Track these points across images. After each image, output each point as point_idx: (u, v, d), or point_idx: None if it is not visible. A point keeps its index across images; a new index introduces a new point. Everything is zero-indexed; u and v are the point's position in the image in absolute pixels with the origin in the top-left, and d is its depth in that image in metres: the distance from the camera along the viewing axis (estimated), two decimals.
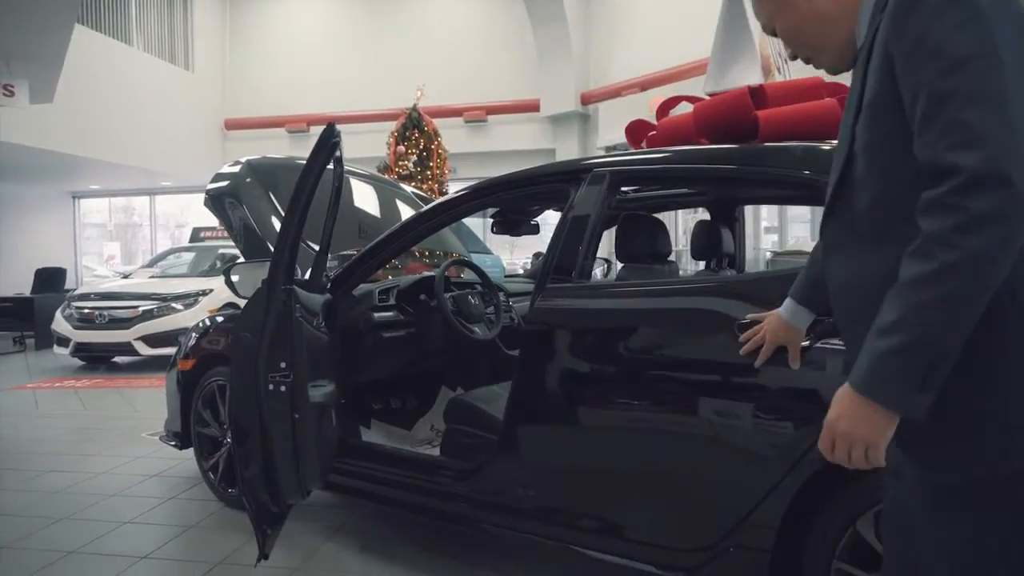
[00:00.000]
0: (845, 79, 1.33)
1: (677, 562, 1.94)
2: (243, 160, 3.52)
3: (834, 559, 1.69)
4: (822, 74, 1.42)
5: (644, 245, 2.46)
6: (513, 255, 13.55)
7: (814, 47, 1.26)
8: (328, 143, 2.28)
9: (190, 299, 7.89)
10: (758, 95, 2.26)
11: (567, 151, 13.05)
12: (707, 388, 1.91)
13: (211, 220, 15.00)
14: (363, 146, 9.97)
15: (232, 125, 15.22)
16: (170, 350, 7.10)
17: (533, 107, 13.36)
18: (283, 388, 2.20)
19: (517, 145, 13.54)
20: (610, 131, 11.36)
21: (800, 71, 3.71)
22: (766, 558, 1.77)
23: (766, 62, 2.61)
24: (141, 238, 17.98)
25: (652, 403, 2.02)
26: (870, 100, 1.09)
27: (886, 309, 0.99)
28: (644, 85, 11.14)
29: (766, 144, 2.11)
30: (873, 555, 1.63)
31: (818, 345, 1.69)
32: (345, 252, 3.02)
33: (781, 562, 1.78)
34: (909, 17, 1.00)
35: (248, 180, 3.38)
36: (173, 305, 7.82)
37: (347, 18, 15.03)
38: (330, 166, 2.39)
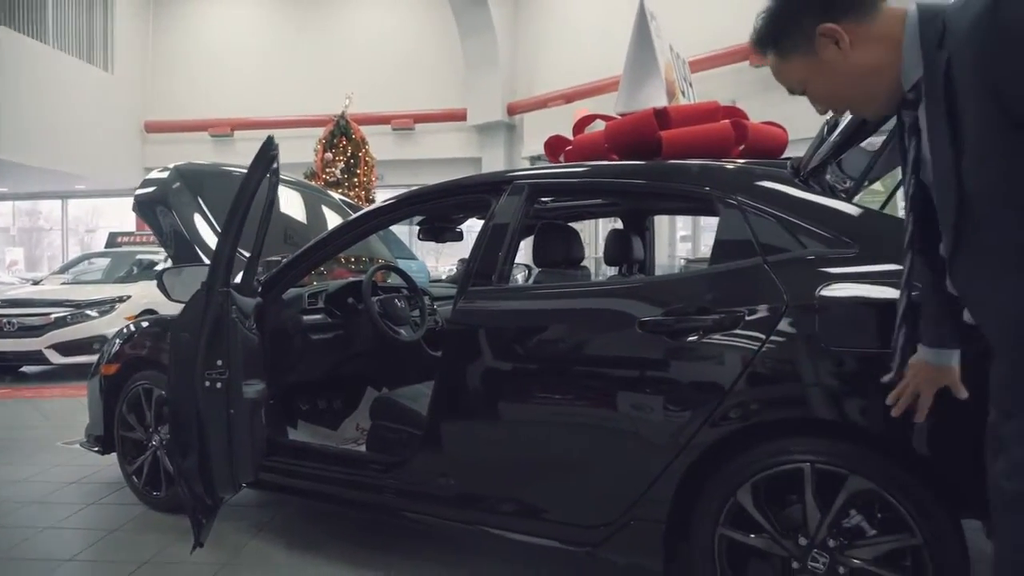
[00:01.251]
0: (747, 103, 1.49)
1: (583, 538, 2.14)
2: (171, 166, 3.56)
3: (718, 525, 1.92)
4: (719, 98, 1.59)
5: (559, 251, 2.66)
6: (439, 262, 13.68)
7: (860, 102, 1.28)
8: (267, 154, 2.42)
9: (106, 306, 7.68)
10: (662, 116, 2.49)
11: (493, 160, 13.29)
12: (611, 381, 2.11)
13: (128, 225, 14.58)
14: (290, 152, 9.82)
15: (153, 128, 14.86)
16: (85, 358, 6.99)
17: (460, 116, 13.56)
18: (219, 385, 2.33)
19: (444, 153, 13.71)
20: (535, 141, 11.62)
21: (702, 96, 4.01)
22: (661, 528, 1.99)
23: (671, 86, 2.84)
24: (47, 243, 17.25)
25: (562, 396, 2.21)
26: (979, 136, 1.09)
27: None
28: (569, 97, 11.48)
29: (670, 162, 2.34)
30: (750, 520, 1.87)
31: (704, 340, 1.92)
32: (271, 258, 3.11)
33: (674, 531, 2.00)
34: (1009, 46, 1.02)
35: (176, 186, 3.42)
36: (87, 312, 7.60)
37: (274, 23, 14.91)
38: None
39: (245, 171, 2.46)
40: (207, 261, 3.04)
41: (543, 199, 2.76)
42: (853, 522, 1.82)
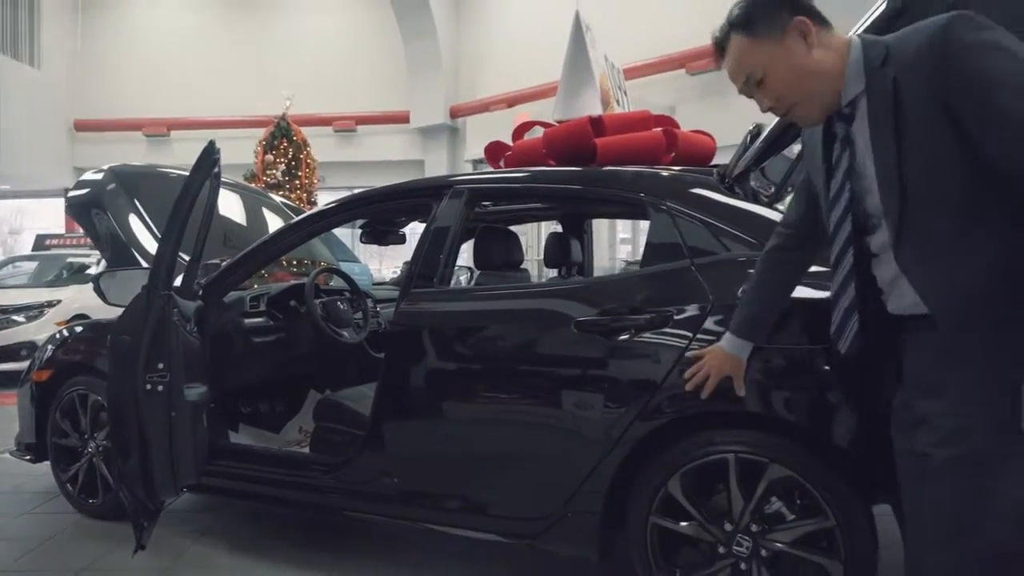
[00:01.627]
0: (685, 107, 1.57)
1: (523, 531, 2.22)
2: (105, 167, 3.50)
3: (650, 514, 2.02)
4: (658, 103, 1.69)
5: (499, 254, 2.73)
6: (383, 264, 13.62)
7: (804, 99, 1.38)
8: (209, 159, 2.43)
9: (34, 311, 7.41)
10: (597, 124, 2.59)
11: (436, 163, 13.31)
12: (548, 379, 2.19)
13: (58, 226, 14.07)
14: (230, 153, 9.70)
15: (83, 126, 14.38)
16: (13, 365, 6.74)
17: (403, 119, 13.53)
18: (160, 388, 2.32)
19: (387, 156, 13.67)
20: (478, 144, 11.64)
21: (641, 101, 4.15)
22: (596, 519, 2.08)
23: (605, 95, 2.95)
24: None
25: (502, 394, 2.28)
26: (924, 136, 1.26)
27: None
28: (511, 101, 11.60)
29: (605, 168, 2.44)
30: (679, 508, 1.98)
31: (636, 339, 2.02)
32: (211, 261, 3.10)
33: (609, 520, 2.10)
34: (962, 63, 1.20)
35: (111, 187, 3.37)
36: (14, 318, 7.31)
37: (213, 20, 14.61)
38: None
39: (183, 173, 2.46)
40: (145, 264, 3.02)
41: (483, 203, 2.82)
42: (774, 508, 1.95)
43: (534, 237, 9.69)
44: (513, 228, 3.32)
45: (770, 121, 2.01)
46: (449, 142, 13.53)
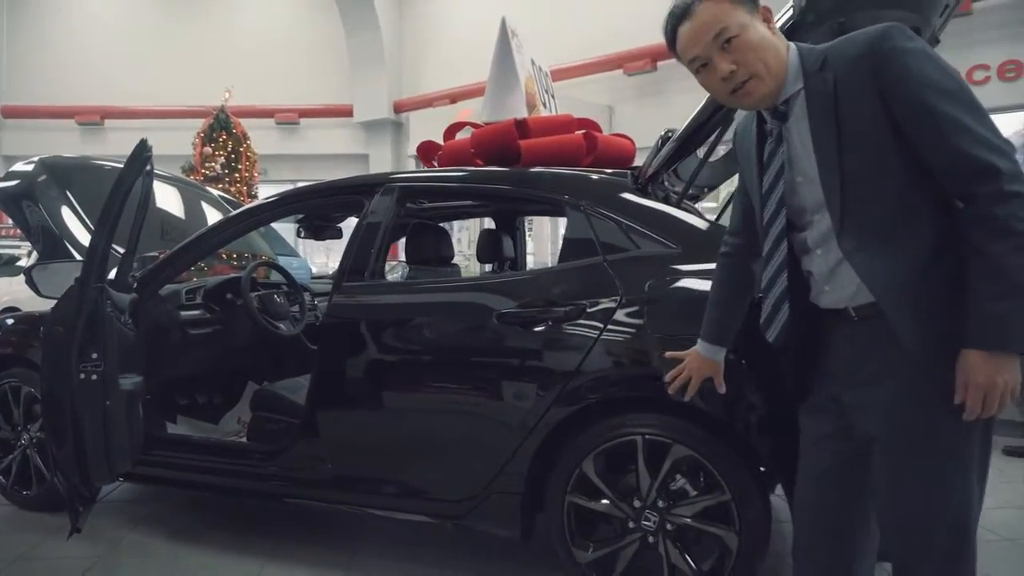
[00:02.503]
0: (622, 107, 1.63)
1: (450, 511, 2.36)
2: (36, 159, 3.48)
3: (567, 493, 2.18)
4: (588, 107, 1.80)
5: (429, 250, 2.86)
6: (330, 259, 13.54)
7: (762, 71, 1.45)
8: (141, 157, 2.48)
9: None
10: (523, 127, 2.73)
11: (380, 157, 13.29)
12: (472, 369, 2.34)
13: None
14: (167, 144, 9.56)
15: (10, 113, 13.86)
16: None
17: (346, 112, 13.45)
18: (95, 377, 2.38)
19: (330, 149, 13.57)
20: (422, 139, 11.74)
21: (563, 108, 4.30)
22: (518, 499, 2.24)
23: (531, 98, 3.08)
24: None
25: (429, 383, 2.41)
26: (862, 132, 1.39)
27: (990, 282, 1.29)
28: (454, 97, 11.67)
29: (531, 169, 2.57)
30: (593, 487, 2.15)
31: (553, 330, 2.17)
32: (149, 254, 3.13)
33: (531, 500, 2.25)
34: (899, 66, 1.35)
35: (43, 179, 3.36)
36: None
37: (151, 7, 14.20)
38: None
39: (116, 165, 2.49)
40: (78, 257, 3.04)
41: (414, 201, 2.93)
42: (678, 485, 2.13)
43: (473, 233, 9.80)
44: (461, 223, 3.43)
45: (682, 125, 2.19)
46: (393, 136, 13.51)
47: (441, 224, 3.41)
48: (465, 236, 8.59)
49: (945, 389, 1.34)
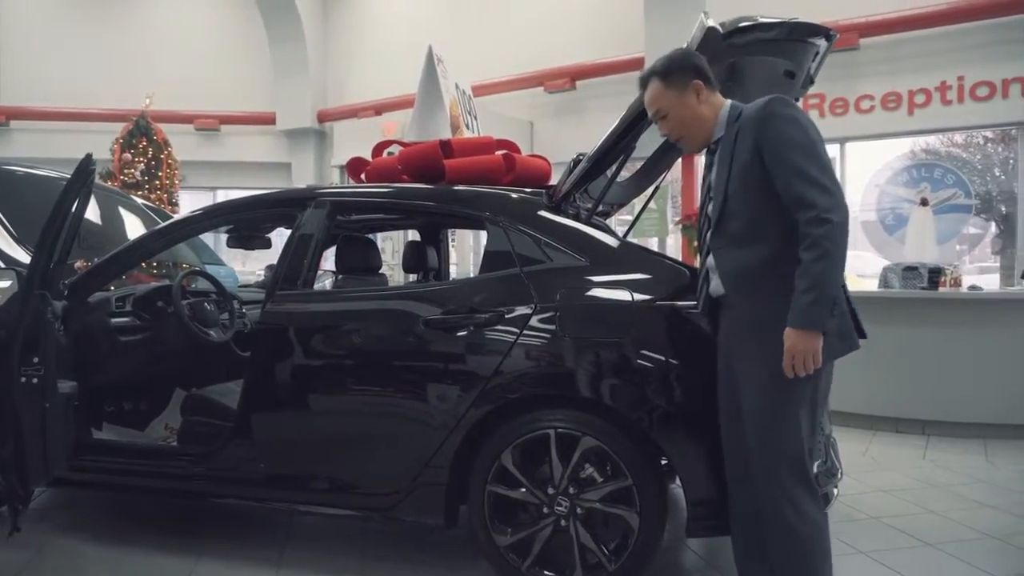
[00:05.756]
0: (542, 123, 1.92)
1: (379, 504, 2.53)
2: None
3: (487, 483, 2.39)
4: (510, 122, 2.21)
5: (358, 260, 3.03)
6: (246, 266, 13.34)
7: (691, 134, 2.08)
8: (86, 171, 2.60)
9: None
10: (446, 147, 2.95)
11: (303, 166, 13.20)
12: (399, 371, 2.53)
13: None
14: (82, 148, 9.32)
15: None
16: None
17: (269, 120, 13.31)
18: (35, 380, 2.46)
19: (252, 157, 13.39)
20: (346, 150, 11.71)
21: (486, 123, 4.54)
22: (443, 490, 2.43)
23: (456, 120, 3.29)
24: None
25: (359, 385, 2.58)
26: (743, 168, 1.95)
27: (801, 281, 1.82)
28: (379, 108, 11.74)
29: (454, 188, 2.78)
30: (511, 477, 2.37)
31: (474, 335, 2.38)
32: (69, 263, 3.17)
33: (453, 491, 2.45)
34: (771, 126, 1.91)
35: None
36: None
37: (65, 4, 13.68)
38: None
39: (30, 170, 2.53)
40: (1, 264, 3.06)
41: (345, 214, 3.09)
42: (587, 473, 2.37)
43: (400, 243, 9.92)
44: (386, 234, 3.58)
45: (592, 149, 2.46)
46: (316, 146, 13.44)
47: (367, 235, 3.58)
48: (389, 246, 8.70)
49: (776, 354, 1.88)
